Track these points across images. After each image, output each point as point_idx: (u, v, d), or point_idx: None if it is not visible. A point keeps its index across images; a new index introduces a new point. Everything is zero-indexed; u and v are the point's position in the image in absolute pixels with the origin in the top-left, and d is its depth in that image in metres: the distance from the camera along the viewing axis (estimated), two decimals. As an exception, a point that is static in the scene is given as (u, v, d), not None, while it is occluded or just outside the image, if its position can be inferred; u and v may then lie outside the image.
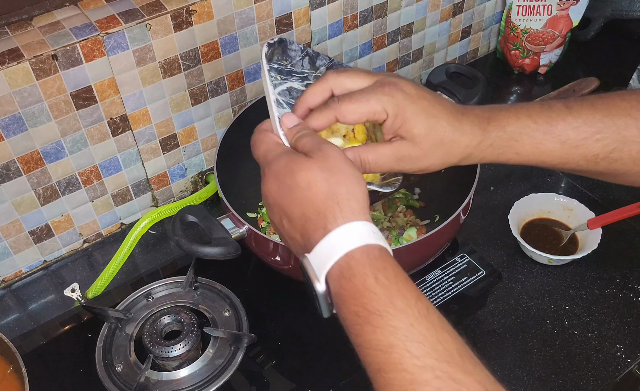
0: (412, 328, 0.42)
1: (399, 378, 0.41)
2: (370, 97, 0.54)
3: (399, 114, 0.54)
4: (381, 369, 0.42)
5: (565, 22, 1.13)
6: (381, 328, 0.42)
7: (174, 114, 0.87)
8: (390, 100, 0.54)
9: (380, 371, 0.42)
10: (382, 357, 0.42)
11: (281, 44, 0.62)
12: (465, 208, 0.73)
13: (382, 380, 0.42)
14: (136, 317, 0.78)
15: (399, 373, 0.41)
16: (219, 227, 0.68)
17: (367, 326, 0.43)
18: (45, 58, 0.71)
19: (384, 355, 0.42)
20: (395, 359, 0.41)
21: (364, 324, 0.43)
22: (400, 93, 0.54)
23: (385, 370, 0.41)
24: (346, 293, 0.44)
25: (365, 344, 0.43)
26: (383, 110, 0.54)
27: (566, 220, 0.87)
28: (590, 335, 0.76)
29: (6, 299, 0.85)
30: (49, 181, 0.80)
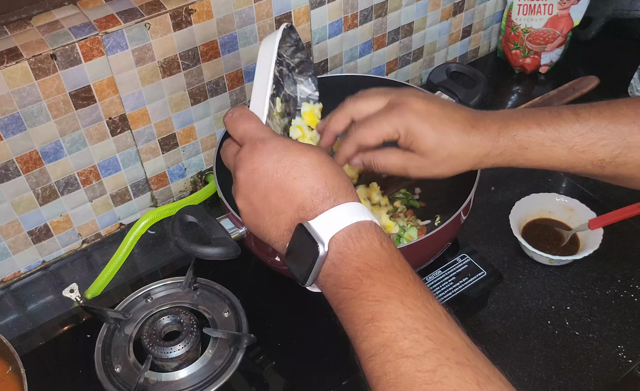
0: (408, 287, 0.45)
1: (391, 325, 0.43)
2: (382, 120, 0.61)
3: (409, 133, 0.60)
4: (374, 318, 0.43)
5: (566, 21, 1.12)
6: (381, 280, 0.45)
7: (173, 114, 0.87)
8: (400, 121, 0.60)
9: (373, 320, 0.43)
10: (378, 307, 0.44)
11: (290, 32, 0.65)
12: (465, 209, 0.73)
13: (372, 328, 0.43)
14: (135, 318, 0.78)
15: (392, 321, 0.43)
16: (219, 227, 0.68)
17: (367, 279, 0.45)
18: (44, 57, 0.71)
19: (380, 304, 0.44)
20: (390, 309, 0.43)
21: (365, 278, 0.45)
22: (409, 113, 0.60)
23: (379, 319, 0.43)
24: (350, 252, 0.47)
25: (361, 295, 0.45)
26: (395, 131, 0.60)
27: (567, 220, 0.87)
28: (591, 335, 0.75)
29: (5, 300, 0.84)
30: (47, 181, 0.80)
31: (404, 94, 0.62)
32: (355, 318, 0.45)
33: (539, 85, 1.18)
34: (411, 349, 0.41)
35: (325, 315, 0.80)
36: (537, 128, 0.59)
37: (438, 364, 0.40)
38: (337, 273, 0.47)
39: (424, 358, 0.41)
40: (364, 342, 0.44)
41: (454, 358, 0.41)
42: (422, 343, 0.41)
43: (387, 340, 0.42)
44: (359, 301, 0.45)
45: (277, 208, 0.51)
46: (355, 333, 0.45)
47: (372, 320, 0.44)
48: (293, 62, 0.72)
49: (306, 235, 0.48)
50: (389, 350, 0.42)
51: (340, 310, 0.47)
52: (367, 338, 0.43)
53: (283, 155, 0.51)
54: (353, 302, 0.45)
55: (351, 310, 0.45)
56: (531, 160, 0.61)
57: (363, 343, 0.44)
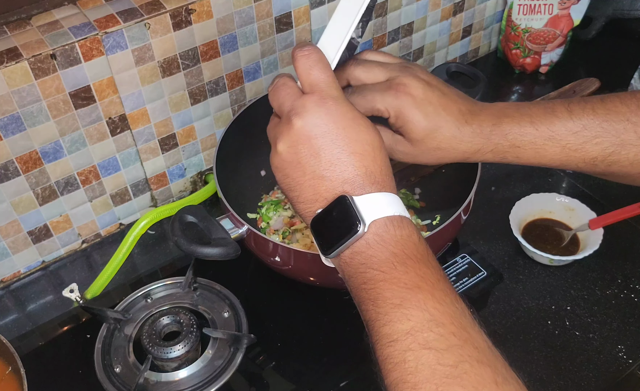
0: (439, 282, 0.45)
1: (418, 315, 0.43)
2: (376, 96, 0.58)
3: (400, 117, 0.58)
4: (402, 304, 0.44)
5: (567, 21, 1.12)
6: (415, 271, 0.45)
7: (173, 114, 0.87)
8: (393, 102, 0.58)
9: (401, 306, 0.43)
10: (408, 294, 0.44)
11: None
12: (466, 209, 0.73)
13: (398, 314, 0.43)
14: (135, 318, 0.78)
15: (420, 311, 0.43)
16: (219, 227, 0.68)
17: (401, 266, 0.45)
18: (43, 57, 0.71)
19: (410, 292, 0.44)
20: (420, 298, 0.44)
21: (399, 264, 0.45)
22: (405, 96, 0.57)
23: (407, 306, 0.43)
24: (389, 236, 0.46)
25: (393, 280, 0.45)
26: (385, 110, 0.58)
27: (567, 220, 0.87)
28: (591, 335, 0.75)
29: (5, 300, 0.84)
30: (47, 181, 0.80)
31: (406, 74, 0.59)
32: (380, 301, 0.45)
33: (539, 85, 1.18)
34: (435, 342, 0.41)
35: (326, 315, 0.80)
36: (530, 127, 0.59)
37: (460, 360, 0.40)
38: (369, 252, 0.46)
39: (447, 352, 0.41)
40: (385, 326, 0.43)
41: (475, 356, 0.41)
42: (446, 337, 0.42)
43: (412, 328, 0.42)
44: (389, 285, 0.45)
45: (322, 172, 0.49)
46: (377, 316, 0.44)
47: (399, 306, 0.43)
48: None
49: (348, 209, 0.47)
50: (412, 339, 0.42)
51: (362, 290, 0.46)
52: (390, 323, 0.43)
53: (350, 124, 0.49)
54: (381, 285, 0.45)
55: (377, 291, 0.45)
56: (522, 158, 0.60)
57: (384, 327, 0.43)
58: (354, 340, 0.76)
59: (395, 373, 0.42)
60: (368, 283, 0.46)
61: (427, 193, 0.91)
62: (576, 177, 0.96)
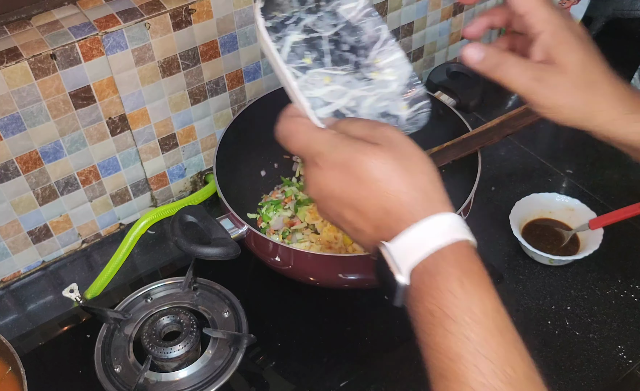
0: (485, 342, 0.40)
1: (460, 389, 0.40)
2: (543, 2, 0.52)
3: (557, 34, 0.51)
4: (444, 376, 0.40)
5: (566, 21, 1.12)
6: (454, 335, 0.40)
7: (173, 114, 0.87)
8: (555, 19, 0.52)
9: (443, 378, 0.41)
10: (448, 364, 0.40)
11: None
12: (466, 209, 0.73)
13: (442, 386, 0.41)
14: (135, 318, 0.78)
15: (462, 385, 0.39)
16: (219, 227, 0.68)
17: (439, 328, 0.41)
18: (43, 57, 0.71)
19: (451, 363, 0.40)
20: (461, 371, 0.40)
21: (438, 326, 0.41)
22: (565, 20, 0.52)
23: (449, 378, 0.40)
24: (425, 289, 0.42)
25: (434, 346, 0.41)
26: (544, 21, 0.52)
27: (567, 221, 0.87)
28: (591, 335, 0.75)
29: (5, 300, 0.84)
30: (47, 181, 0.80)
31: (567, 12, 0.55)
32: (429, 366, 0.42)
33: (539, 85, 1.18)
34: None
35: (326, 315, 0.80)
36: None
37: None
38: (414, 308, 0.43)
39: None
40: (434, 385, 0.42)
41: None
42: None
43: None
44: (432, 352, 0.42)
45: (356, 225, 0.46)
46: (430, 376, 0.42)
47: (442, 377, 0.41)
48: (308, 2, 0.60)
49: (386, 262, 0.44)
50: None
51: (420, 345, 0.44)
52: None
53: (346, 170, 0.45)
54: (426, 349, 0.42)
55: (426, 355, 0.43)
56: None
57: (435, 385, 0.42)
58: (354, 340, 0.76)
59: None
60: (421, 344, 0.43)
61: (427, 193, 0.91)
62: (576, 177, 0.96)
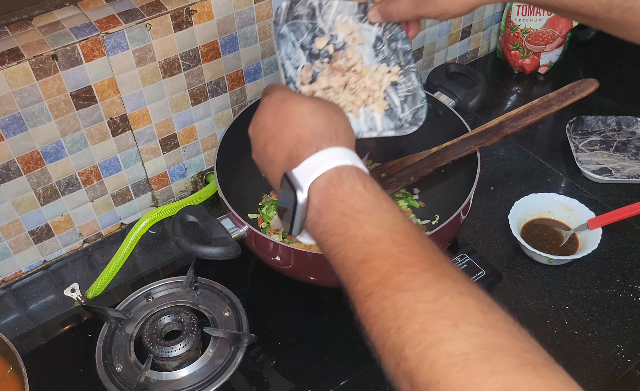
0: (397, 225, 0.44)
1: (384, 263, 0.42)
2: None
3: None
4: (366, 259, 0.43)
5: (565, 22, 1.13)
6: (368, 222, 0.44)
7: (174, 114, 0.87)
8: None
9: (365, 261, 0.43)
10: (369, 247, 0.43)
11: None
12: (465, 208, 0.73)
13: (365, 268, 0.43)
14: (136, 317, 0.78)
15: (385, 258, 0.42)
16: (219, 227, 0.68)
17: (353, 223, 0.45)
18: (45, 58, 0.71)
19: (370, 245, 0.43)
20: (382, 247, 0.43)
21: (351, 221, 0.45)
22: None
23: (371, 259, 0.42)
24: (333, 198, 0.46)
25: (350, 239, 0.44)
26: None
27: (566, 220, 0.87)
28: (590, 335, 0.76)
29: (6, 299, 0.85)
30: (48, 181, 0.80)
31: None
32: (346, 262, 0.44)
33: (538, 85, 1.18)
34: (409, 282, 0.40)
35: (326, 315, 0.80)
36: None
37: (439, 294, 0.39)
38: (323, 220, 0.47)
39: (423, 289, 0.39)
40: (357, 284, 0.43)
41: (454, 288, 0.40)
42: (419, 276, 0.40)
43: (381, 277, 0.41)
44: (349, 245, 0.44)
45: (272, 157, 0.52)
46: (348, 277, 0.44)
47: (364, 261, 0.43)
48: None
49: (288, 183, 0.48)
50: (386, 287, 0.41)
51: (331, 257, 0.46)
52: (361, 279, 0.43)
53: (279, 107, 0.52)
54: (343, 247, 0.45)
55: (342, 254, 0.45)
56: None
57: (357, 285, 0.43)
58: (354, 339, 0.77)
59: (378, 324, 0.41)
60: (332, 250, 0.46)
61: (426, 193, 0.92)
62: (575, 177, 0.96)
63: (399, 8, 0.64)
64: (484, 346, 0.36)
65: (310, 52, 0.68)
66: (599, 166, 0.96)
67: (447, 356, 0.36)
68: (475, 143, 0.81)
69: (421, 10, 0.62)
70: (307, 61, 0.67)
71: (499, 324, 0.38)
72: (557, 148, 1.03)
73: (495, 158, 1.01)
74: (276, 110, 0.52)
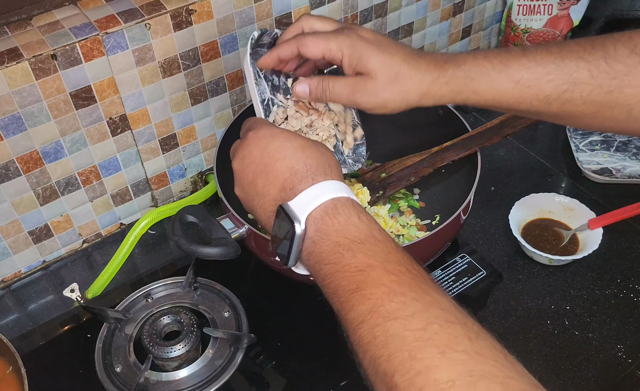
0: (389, 254, 0.46)
1: (376, 292, 0.43)
2: (330, 37, 0.61)
3: (354, 53, 0.60)
4: (359, 287, 0.44)
5: (566, 21, 1.12)
6: (362, 252, 0.46)
7: (174, 114, 0.87)
8: (346, 41, 0.60)
9: (358, 289, 0.44)
10: (361, 276, 0.45)
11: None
12: (465, 209, 0.73)
13: (358, 297, 0.44)
14: (136, 318, 0.78)
15: (377, 287, 0.43)
16: (219, 227, 0.68)
17: (347, 252, 0.46)
18: (44, 58, 0.71)
19: (363, 274, 0.45)
20: (374, 276, 0.44)
21: (345, 251, 0.47)
22: (356, 36, 0.60)
23: (363, 287, 0.44)
24: (328, 228, 0.48)
25: (344, 268, 0.46)
26: (339, 50, 0.60)
27: (567, 220, 0.87)
28: (590, 335, 0.75)
29: (5, 299, 0.84)
30: (48, 181, 0.80)
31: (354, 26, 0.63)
32: (340, 291, 0.46)
33: (539, 85, 1.18)
34: (399, 311, 0.41)
35: (325, 315, 0.80)
36: (483, 60, 0.59)
37: (427, 322, 0.40)
38: (318, 250, 0.48)
39: (413, 318, 0.41)
40: (350, 312, 0.44)
41: (442, 316, 0.41)
42: (409, 304, 0.42)
43: (373, 306, 0.42)
44: (342, 274, 0.46)
45: (262, 190, 0.53)
46: (341, 305, 0.45)
47: (356, 290, 0.44)
48: None
49: (285, 215, 0.49)
50: (377, 315, 0.42)
51: (325, 286, 0.48)
52: (354, 308, 0.44)
53: (269, 141, 0.54)
54: (337, 276, 0.46)
55: (335, 283, 0.46)
56: (479, 92, 0.60)
57: (350, 313, 0.44)
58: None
59: (370, 352, 0.42)
60: (326, 279, 0.47)
61: (426, 193, 0.91)
62: (576, 177, 0.96)
63: (335, 88, 0.62)
64: (469, 373, 0.37)
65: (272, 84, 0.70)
66: (600, 166, 0.96)
67: (434, 383, 0.37)
68: (476, 143, 0.80)
69: (359, 97, 0.60)
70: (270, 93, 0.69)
71: (486, 351, 0.39)
72: (558, 148, 1.02)
73: (496, 158, 1.01)
74: (265, 145, 0.54)
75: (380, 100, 0.60)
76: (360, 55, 0.59)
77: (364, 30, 0.62)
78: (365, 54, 0.59)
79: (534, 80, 0.58)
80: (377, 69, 0.59)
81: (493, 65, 0.59)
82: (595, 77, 0.57)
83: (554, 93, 0.58)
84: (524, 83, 0.59)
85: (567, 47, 0.58)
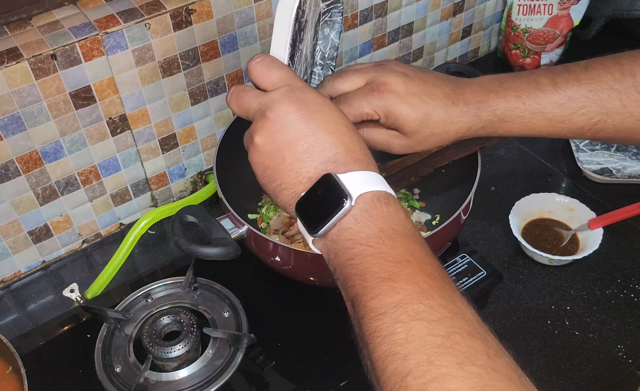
0: (427, 257, 0.46)
1: (407, 288, 0.43)
2: (362, 102, 0.60)
3: (390, 115, 0.60)
4: (391, 278, 0.44)
5: (566, 21, 1.12)
6: (403, 246, 0.46)
7: (173, 114, 0.87)
8: (380, 103, 0.60)
9: (390, 280, 0.44)
10: (396, 268, 0.44)
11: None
12: (465, 209, 0.73)
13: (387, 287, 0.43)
14: (135, 318, 0.78)
15: (410, 284, 0.43)
16: (219, 227, 0.68)
17: (389, 241, 0.46)
18: (44, 57, 0.71)
19: (399, 266, 0.44)
20: (409, 272, 0.44)
21: (387, 239, 0.46)
22: (389, 94, 0.60)
23: (396, 279, 0.43)
24: (377, 212, 0.47)
25: (380, 254, 0.45)
26: (374, 113, 0.61)
27: (567, 220, 0.87)
28: (591, 335, 0.75)
29: (5, 300, 0.84)
30: (47, 181, 0.80)
31: (383, 73, 0.61)
32: (368, 275, 0.45)
33: (539, 85, 1.18)
34: (425, 313, 0.41)
35: (326, 315, 0.80)
36: (516, 101, 0.60)
37: (451, 331, 0.40)
38: (357, 228, 0.47)
39: (438, 323, 0.41)
40: (373, 300, 0.43)
41: (465, 328, 0.41)
42: (436, 309, 0.41)
43: (401, 301, 0.42)
44: (377, 260, 0.45)
45: (302, 154, 0.50)
46: (365, 290, 0.44)
47: (387, 280, 0.43)
48: None
49: (334, 186, 0.47)
50: (402, 311, 0.42)
51: (349, 265, 0.46)
52: (379, 296, 0.43)
53: (322, 108, 0.51)
54: (369, 259, 0.45)
55: (365, 266, 0.45)
56: (512, 131, 0.62)
57: (372, 301, 0.43)
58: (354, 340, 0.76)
59: (384, 346, 0.41)
60: (355, 259, 0.46)
61: (427, 193, 0.91)
62: (576, 177, 0.96)
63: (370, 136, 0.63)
64: (482, 388, 0.38)
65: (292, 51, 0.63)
66: (600, 166, 0.96)
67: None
68: (476, 143, 0.80)
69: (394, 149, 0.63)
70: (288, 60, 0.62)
71: (502, 369, 0.40)
72: (558, 148, 1.02)
73: (496, 158, 1.01)
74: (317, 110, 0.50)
75: (415, 151, 0.64)
76: (395, 117, 0.60)
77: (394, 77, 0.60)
78: (401, 116, 0.60)
79: (567, 116, 0.60)
80: (413, 130, 0.61)
81: (526, 106, 0.60)
82: (627, 107, 0.58)
83: (587, 125, 0.60)
84: (557, 119, 0.60)
85: (598, 77, 0.59)
